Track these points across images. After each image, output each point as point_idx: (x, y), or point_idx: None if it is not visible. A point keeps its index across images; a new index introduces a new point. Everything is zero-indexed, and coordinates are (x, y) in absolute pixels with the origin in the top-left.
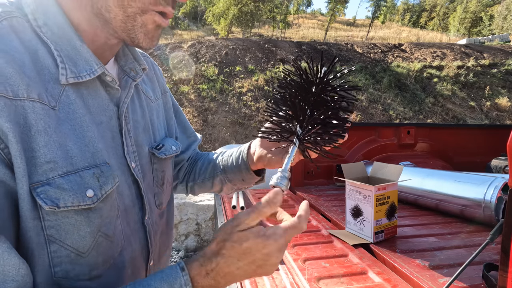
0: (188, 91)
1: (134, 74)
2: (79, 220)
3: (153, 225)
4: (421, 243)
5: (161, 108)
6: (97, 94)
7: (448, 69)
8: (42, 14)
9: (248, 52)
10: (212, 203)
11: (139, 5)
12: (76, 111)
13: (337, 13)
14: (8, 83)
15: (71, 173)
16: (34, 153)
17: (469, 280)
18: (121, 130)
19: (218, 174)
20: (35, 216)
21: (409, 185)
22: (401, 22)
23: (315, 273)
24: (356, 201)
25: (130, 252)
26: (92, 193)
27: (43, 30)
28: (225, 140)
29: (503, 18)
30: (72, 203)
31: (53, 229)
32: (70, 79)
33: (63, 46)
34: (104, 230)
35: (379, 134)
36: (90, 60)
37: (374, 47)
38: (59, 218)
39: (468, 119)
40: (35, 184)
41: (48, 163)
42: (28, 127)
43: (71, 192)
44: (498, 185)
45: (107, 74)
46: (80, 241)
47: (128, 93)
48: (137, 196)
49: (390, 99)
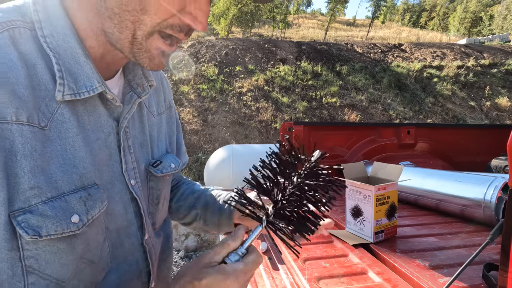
0: (188, 91)
1: (141, 91)
2: (62, 248)
3: (153, 245)
4: (421, 243)
5: (163, 123)
6: (95, 110)
7: (448, 69)
8: (50, 24)
9: (248, 52)
10: None
11: (148, 29)
12: (69, 130)
13: (337, 13)
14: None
15: (55, 198)
16: (17, 179)
17: (469, 280)
18: (120, 146)
19: (197, 207)
20: (13, 246)
21: (409, 185)
22: (401, 22)
23: (315, 273)
24: (356, 201)
25: (120, 275)
26: (78, 219)
27: (47, 41)
28: (225, 140)
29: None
30: (56, 231)
31: (32, 259)
32: (66, 96)
33: (66, 60)
34: (88, 256)
35: (379, 134)
36: (91, 77)
37: (374, 47)
38: (39, 247)
39: (468, 119)
40: (16, 212)
41: (31, 189)
42: (14, 152)
43: (55, 220)
44: (498, 185)
45: (108, 92)
46: (61, 269)
47: (131, 109)
48: (136, 214)
49: (390, 99)
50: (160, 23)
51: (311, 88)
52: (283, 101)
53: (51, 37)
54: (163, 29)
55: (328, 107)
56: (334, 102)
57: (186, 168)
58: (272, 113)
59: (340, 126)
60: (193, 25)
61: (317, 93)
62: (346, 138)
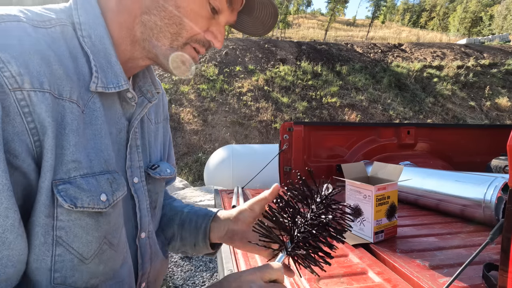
0: (188, 91)
1: (150, 96)
2: (90, 224)
3: (145, 246)
4: (421, 243)
5: (160, 132)
6: (113, 107)
7: (448, 69)
8: (89, 26)
9: (248, 52)
10: (212, 203)
11: (184, 40)
12: (98, 118)
13: (337, 13)
14: (57, 83)
15: (89, 175)
16: (63, 150)
17: (469, 280)
18: (127, 144)
19: (173, 225)
20: (49, 213)
21: (409, 185)
22: (401, 22)
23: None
24: (356, 201)
25: (128, 268)
26: (105, 198)
27: (85, 40)
28: (225, 140)
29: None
30: (88, 204)
31: (63, 230)
32: (98, 88)
33: (99, 58)
34: (110, 238)
35: (379, 134)
36: (119, 76)
37: (374, 47)
38: (71, 219)
39: (468, 119)
40: (57, 181)
41: (73, 162)
42: (64, 126)
43: (89, 194)
44: (498, 185)
45: (130, 91)
46: (86, 245)
47: (142, 111)
48: (133, 212)
49: (390, 99)
50: (192, 37)
51: (311, 88)
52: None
53: (88, 38)
54: (191, 43)
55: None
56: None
57: (186, 168)
58: (272, 113)
59: (340, 126)
60: (214, 42)
61: (317, 93)
62: (346, 138)
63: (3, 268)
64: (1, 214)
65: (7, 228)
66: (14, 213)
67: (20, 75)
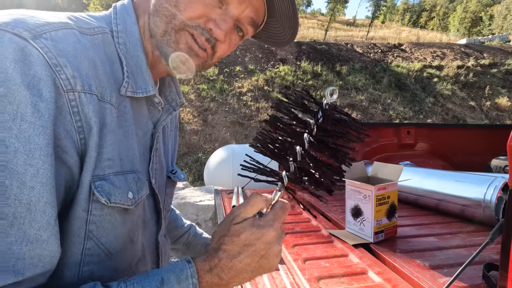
0: (188, 91)
1: (175, 105)
2: (118, 220)
3: (164, 244)
4: (421, 243)
5: (172, 139)
6: (141, 111)
7: (448, 69)
8: (125, 34)
9: (248, 52)
10: (212, 203)
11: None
12: (127, 120)
13: (337, 13)
14: (101, 86)
15: (120, 173)
16: (102, 149)
17: (469, 280)
18: (151, 147)
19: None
20: (86, 207)
21: (409, 185)
22: (401, 22)
23: (315, 273)
24: (356, 201)
25: (144, 266)
26: (132, 195)
27: (121, 47)
28: (225, 140)
29: (503, 18)
30: (120, 201)
31: (95, 225)
32: (128, 92)
33: (131, 64)
34: (131, 235)
35: (379, 134)
36: (148, 82)
37: (374, 47)
38: (103, 214)
39: (468, 119)
40: (95, 177)
41: (108, 160)
42: (104, 125)
43: (120, 190)
44: (498, 185)
45: (157, 96)
46: (113, 241)
47: (167, 118)
48: (154, 210)
49: (390, 99)
50: (188, 20)
51: (311, 88)
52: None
53: (124, 45)
54: (189, 29)
55: None
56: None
57: (186, 168)
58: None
59: None
60: (214, 31)
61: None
62: None
63: (33, 268)
64: (39, 209)
65: (43, 226)
66: (52, 209)
67: (73, 77)
